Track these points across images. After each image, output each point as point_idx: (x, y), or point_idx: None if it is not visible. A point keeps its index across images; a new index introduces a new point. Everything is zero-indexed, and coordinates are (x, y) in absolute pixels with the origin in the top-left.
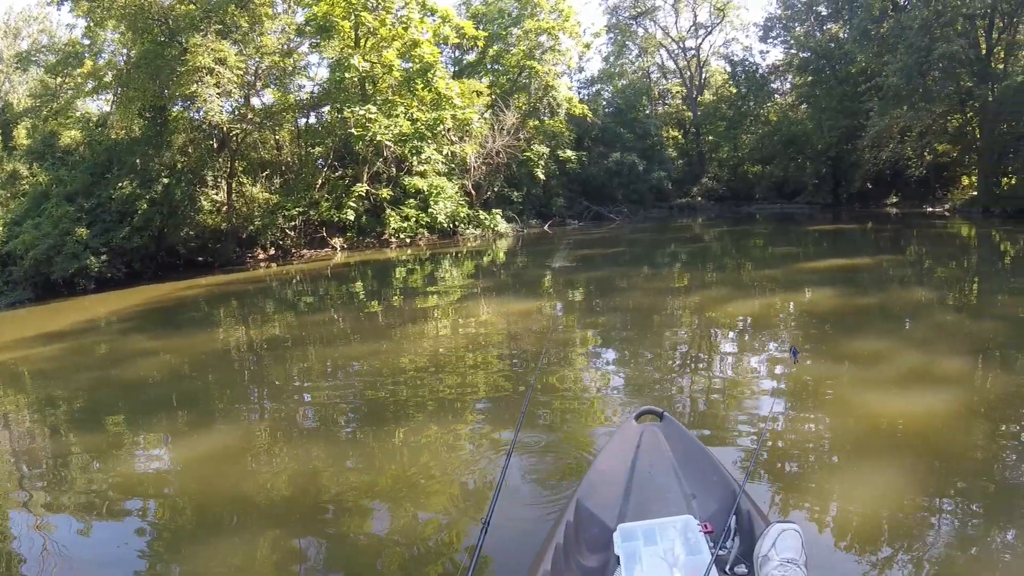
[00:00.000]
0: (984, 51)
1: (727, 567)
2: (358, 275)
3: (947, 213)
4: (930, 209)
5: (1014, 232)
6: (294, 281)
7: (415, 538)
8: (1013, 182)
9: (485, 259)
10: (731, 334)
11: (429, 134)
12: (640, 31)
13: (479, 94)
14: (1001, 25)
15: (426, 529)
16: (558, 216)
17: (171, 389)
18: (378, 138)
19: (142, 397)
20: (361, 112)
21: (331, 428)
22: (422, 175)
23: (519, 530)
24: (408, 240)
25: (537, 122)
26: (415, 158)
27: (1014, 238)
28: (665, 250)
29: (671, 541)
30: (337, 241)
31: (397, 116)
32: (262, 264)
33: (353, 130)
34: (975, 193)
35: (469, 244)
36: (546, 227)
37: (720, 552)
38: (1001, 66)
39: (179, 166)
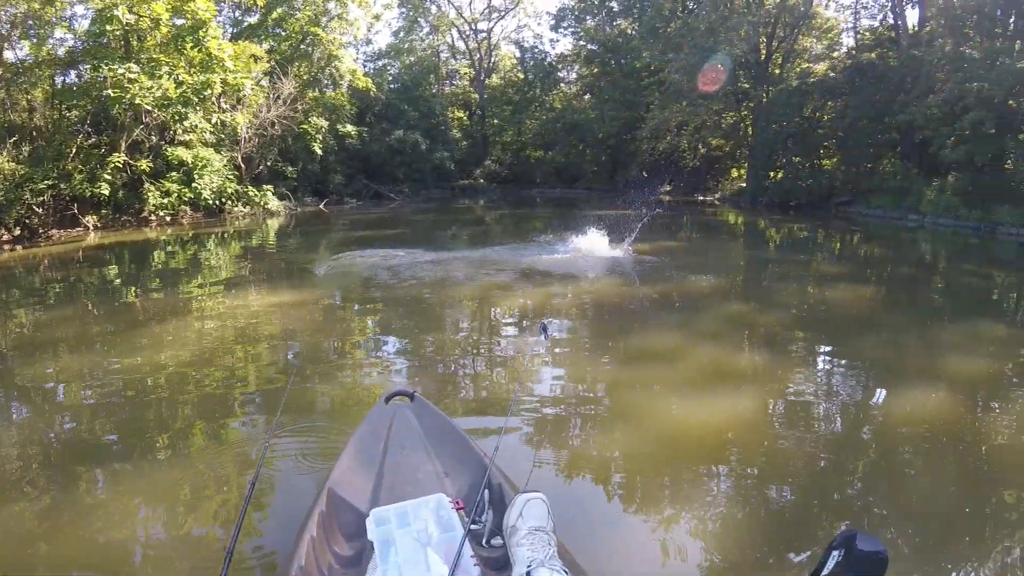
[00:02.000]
0: (764, 56)
1: (484, 541)
2: (114, 259)
3: (717, 202)
4: (701, 198)
5: (780, 221)
6: (42, 267)
7: (169, 541)
8: (780, 176)
9: (254, 240)
10: (494, 317)
11: (196, 99)
12: (433, 8)
13: (256, 59)
14: (782, 35)
15: (182, 530)
16: (335, 194)
17: None
18: (137, 100)
19: None
20: (121, 71)
21: (89, 431)
22: (187, 145)
23: (275, 526)
24: (169, 218)
25: (317, 93)
26: (179, 125)
27: (779, 225)
28: (446, 232)
29: (424, 521)
30: (91, 219)
31: (161, 77)
32: (6, 247)
33: (110, 91)
34: (744, 184)
35: (237, 223)
36: (322, 205)
37: (474, 527)
38: (778, 71)
39: None
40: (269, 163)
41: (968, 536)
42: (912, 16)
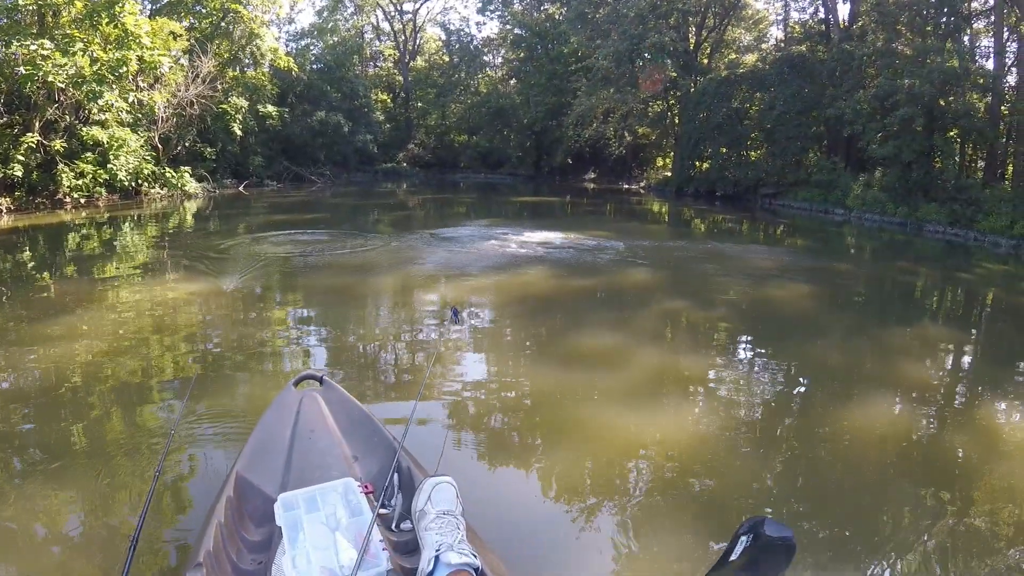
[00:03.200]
0: (693, 45)
1: (393, 525)
2: (27, 243)
3: (642, 190)
4: (626, 186)
5: (705, 211)
6: None
7: (79, 532)
8: (706, 167)
9: (171, 224)
10: (411, 304)
11: (111, 77)
12: None
13: (175, 36)
14: (712, 24)
15: (92, 520)
16: (255, 176)
17: None
18: (50, 78)
19: None
20: (34, 47)
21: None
22: (102, 125)
23: (183, 512)
24: (84, 200)
25: (238, 73)
26: (93, 104)
27: (704, 216)
28: (368, 218)
29: (333, 505)
30: (4, 202)
31: (75, 54)
32: None
33: (22, 68)
34: (669, 174)
35: (154, 206)
36: (241, 188)
37: (383, 511)
38: (706, 60)
39: None
40: (187, 144)
41: (880, 528)
42: (843, 10)
